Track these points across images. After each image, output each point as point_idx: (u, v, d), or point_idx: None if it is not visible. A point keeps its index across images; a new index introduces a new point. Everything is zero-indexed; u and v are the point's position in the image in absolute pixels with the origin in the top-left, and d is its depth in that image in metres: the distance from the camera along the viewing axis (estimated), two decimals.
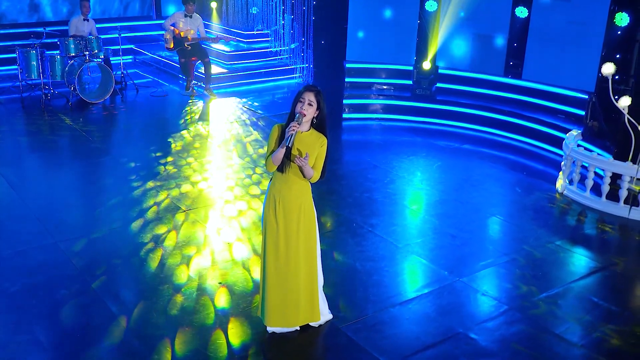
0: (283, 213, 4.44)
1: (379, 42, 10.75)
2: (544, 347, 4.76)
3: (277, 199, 4.44)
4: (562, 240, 6.46)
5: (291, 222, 4.46)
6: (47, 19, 13.06)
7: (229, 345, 4.59)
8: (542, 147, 9.14)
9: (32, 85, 10.70)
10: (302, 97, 4.28)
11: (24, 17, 12.93)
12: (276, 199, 4.44)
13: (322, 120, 4.39)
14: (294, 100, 4.35)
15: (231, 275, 5.52)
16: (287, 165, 4.35)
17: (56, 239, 6.07)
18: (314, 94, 4.29)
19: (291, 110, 4.35)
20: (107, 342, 4.58)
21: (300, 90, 4.36)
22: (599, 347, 4.78)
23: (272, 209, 4.46)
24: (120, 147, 8.94)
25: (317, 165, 4.41)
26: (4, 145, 8.62)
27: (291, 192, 4.44)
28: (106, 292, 5.21)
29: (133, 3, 14.42)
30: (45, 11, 13.18)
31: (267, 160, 4.37)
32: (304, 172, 4.35)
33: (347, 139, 9.74)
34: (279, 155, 4.29)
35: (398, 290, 5.45)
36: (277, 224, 4.45)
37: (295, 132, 4.24)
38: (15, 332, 4.69)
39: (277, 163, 4.33)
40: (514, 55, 9.99)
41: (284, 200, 4.44)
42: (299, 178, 4.43)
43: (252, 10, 13.33)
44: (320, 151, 4.41)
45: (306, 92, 4.30)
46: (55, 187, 7.46)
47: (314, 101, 4.28)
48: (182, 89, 11.53)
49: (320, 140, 4.40)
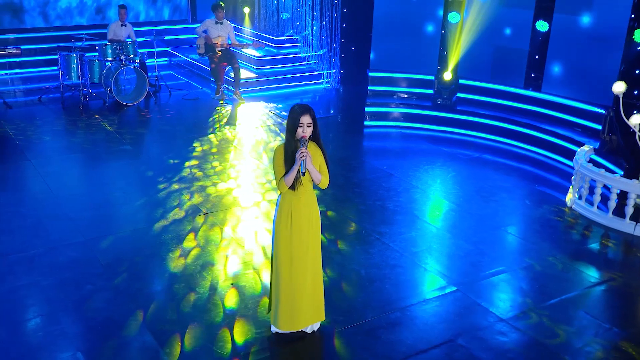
0: (294, 222, 4.78)
1: (402, 52, 11.04)
2: (535, 357, 5.03)
3: (289, 210, 4.78)
4: (564, 254, 6.69)
5: (301, 230, 4.82)
6: (88, 24, 13.71)
7: (234, 342, 4.99)
8: (559, 160, 9.32)
9: (71, 86, 11.31)
10: (301, 121, 4.53)
11: (66, 22, 13.60)
12: (288, 212, 4.78)
13: (317, 133, 4.72)
14: (290, 124, 4.57)
15: (242, 278, 5.93)
16: (298, 183, 4.71)
17: (86, 237, 6.58)
18: (309, 115, 4.56)
19: (287, 131, 4.63)
20: (125, 335, 5.03)
21: (294, 115, 4.56)
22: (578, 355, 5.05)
23: (283, 219, 4.80)
24: (150, 148, 9.47)
25: (323, 170, 4.76)
26: (44, 144, 9.22)
27: (300, 202, 4.79)
28: (127, 288, 5.68)
29: (169, 7, 14.98)
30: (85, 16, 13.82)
31: (280, 183, 4.66)
32: (313, 178, 4.70)
33: (367, 145, 10.08)
34: (290, 178, 4.62)
35: (398, 298, 5.77)
36: (291, 232, 4.79)
37: (306, 157, 4.55)
38: (44, 322, 5.19)
39: (289, 185, 4.65)
40: (534, 67, 10.17)
41: (295, 210, 4.78)
42: (308, 190, 4.79)
43: (282, 16, 13.73)
44: (322, 159, 4.76)
45: (302, 115, 4.53)
46: (88, 187, 7.99)
47: (311, 121, 4.60)
48: (213, 92, 12.01)
49: (320, 149, 4.75)
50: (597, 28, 9.29)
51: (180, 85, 12.67)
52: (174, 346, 4.93)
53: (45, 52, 12.46)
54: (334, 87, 12.97)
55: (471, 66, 10.73)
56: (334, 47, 12.81)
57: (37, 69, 12.55)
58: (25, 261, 6.09)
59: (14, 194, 7.61)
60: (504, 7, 10.26)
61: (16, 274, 5.87)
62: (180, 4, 15.09)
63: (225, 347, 4.95)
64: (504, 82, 10.39)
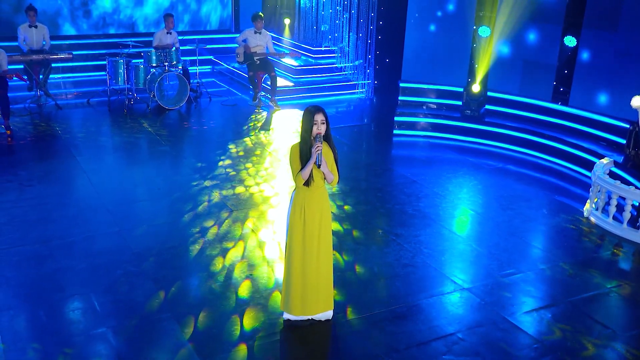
0: (307, 216, 5.19)
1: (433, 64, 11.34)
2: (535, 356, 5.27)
3: (302, 205, 5.19)
4: (574, 260, 6.87)
5: (313, 223, 5.22)
6: (135, 31, 14.48)
7: (242, 328, 5.42)
8: (582, 173, 9.45)
9: (117, 90, 12.00)
10: (315, 119, 4.97)
11: (113, 29, 14.40)
12: (301, 206, 5.19)
13: (329, 132, 5.12)
14: (306, 124, 5.00)
15: (258, 270, 6.35)
16: (311, 180, 5.11)
17: (120, 227, 7.11)
18: (322, 113, 4.99)
19: (303, 130, 5.05)
20: (148, 315, 5.50)
21: (309, 114, 4.98)
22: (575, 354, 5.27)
23: (297, 213, 5.21)
24: (187, 150, 10.02)
25: (333, 169, 5.19)
26: (90, 143, 9.87)
27: (313, 198, 5.20)
28: (153, 274, 6.16)
29: (214, 18, 15.64)
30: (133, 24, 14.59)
31: (297, 177, 5.10)
32: (326, 177, 5.14)
33: (394, 153, 10.41)
34: (307, 172, 5.04)
35: (406, 293, 6.08)
36: (304, 225, 5.20)
37: (320, 151, 4.97)
38: (76, 300, 5.70)
39: (305, 178, 5.07)
40: (562, 82, 10.34)
41: (308, 205, 5.19)
42: (320, 186, 5.20)
43: (322, 28, 14.20)
44: (333, 159, 5.17)
45: (316, 114, 4.96)
46: (127, 183, 8.55)
47: (324, 119, 5.01)
48: (251, 99, 12.53)
49: (331, 148, 5.16)
50: (626, 44, 9.42)
51: (221, 92, 13.25)
52: (190, 326, 5.37)
53: (94, 57, 13.22)
54: (368, 97, 13.34)
55: (500, 79, 10.95)
56: (369, 58, 13.19)
57: (87, 74, 13.33)
58: (64, 247, 6.65)
59: (59, 187, 8.24)
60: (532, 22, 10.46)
61: (56, 258, 6.43)
62: (224, 15, 15.74)
63: (235, 331, 5.37)
64: (531, 95, 10.57)
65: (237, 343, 5.21)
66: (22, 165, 8.86)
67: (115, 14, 14.39)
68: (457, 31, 11.10)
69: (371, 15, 12.92)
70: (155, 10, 14.74)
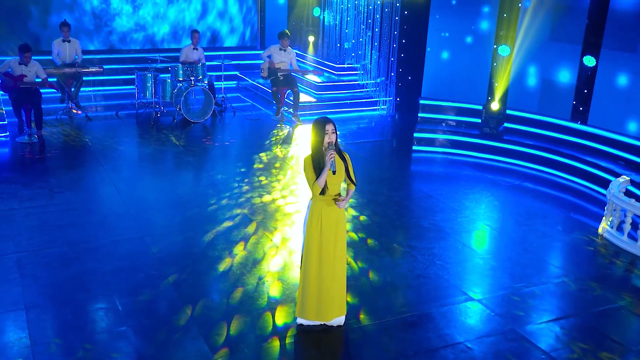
0: (324, 224, 5.41)
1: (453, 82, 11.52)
2: None
3: (319, 213, 5.41)
4: (584, 276, 6.95)
5: (329, 231, 5.44)
6: (163, 47, 14.92)
7: (274, 325, 5.63)
8: (599, 191, 9.51)
9: (145, 103, 12.38)
10: (326, 129, 5.22)
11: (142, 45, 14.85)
12: (318, 214, 5.41)
13: (338, 142, 5.37)
14: (317, 134, 5.26)
15: (275, 277, 6.56)
16: (327, 189, 5.33)
17: (144, 233, 7.38)
18: (332, 123, 5.27)
19: (315, 141, 5.28)
20: (166, 316, 5.74)
21: (319, 125, 5.26)
22: None
23: (314, 221, 5.43)
24: (211, 161, 10.31)
25: (352, 176, 5.44)
26: (118, 153, 10.22)
27: (329, 207, 5.42)
28: (174, 278, 6.40)
29: (240, 34, 16.03)
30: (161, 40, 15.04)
31: (314, 186, 5.32)
32: (348, 195, 5.52)
33: (413, 169, 10.57)
34: (323, 180, 5.27)
35: (418, 303, 6.23)
36: (320, 233, 5.42)
37: (334, 158, 5.22)
38: (99, 301, 5.96)
39: (322, 186, 5.29)
40: (581, 101, 10.43)
41: (324, 214, 5.41)
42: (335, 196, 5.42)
43: (346, 45, 14.49)
44: (349, 164, 5.42)
45: (327, 124, 5.23)
46: (152, 191, 8.84)
47: (334, 128, 5.26)
48: (274, 113, 12.82)
49: (345, 156, 5.43)
50: None
51: (245, 106, 13.57)
52: (206, 328, 5.58)
53: (124, 72, 13.66)
54: (390, 114, 13.54)
55: (519, 97, 11.08)
56: (391, 75, 13.42)
57: (116, 87, 13.77)
58: (90, 250, 6.94)
59: (87, 194, 8.57)
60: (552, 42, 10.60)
61: (82, 260, 6.72)
62: (247, 32, 16.12)
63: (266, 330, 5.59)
64: (550, 113, 10.68)
65: (252, 346, 5.41)
66: (52, 173, 9.24)
67: (137, 31, 14.83)
68: (477, 50, 11.28)
69: (394, 33, 13.17)
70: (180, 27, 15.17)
